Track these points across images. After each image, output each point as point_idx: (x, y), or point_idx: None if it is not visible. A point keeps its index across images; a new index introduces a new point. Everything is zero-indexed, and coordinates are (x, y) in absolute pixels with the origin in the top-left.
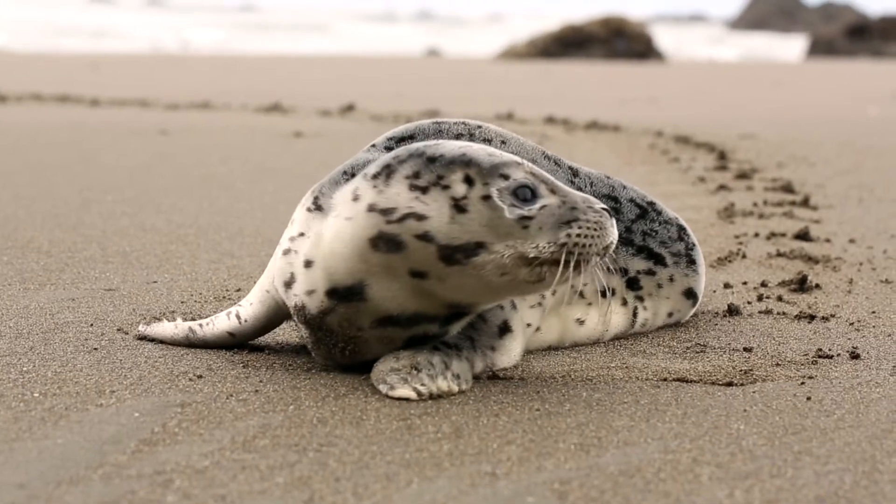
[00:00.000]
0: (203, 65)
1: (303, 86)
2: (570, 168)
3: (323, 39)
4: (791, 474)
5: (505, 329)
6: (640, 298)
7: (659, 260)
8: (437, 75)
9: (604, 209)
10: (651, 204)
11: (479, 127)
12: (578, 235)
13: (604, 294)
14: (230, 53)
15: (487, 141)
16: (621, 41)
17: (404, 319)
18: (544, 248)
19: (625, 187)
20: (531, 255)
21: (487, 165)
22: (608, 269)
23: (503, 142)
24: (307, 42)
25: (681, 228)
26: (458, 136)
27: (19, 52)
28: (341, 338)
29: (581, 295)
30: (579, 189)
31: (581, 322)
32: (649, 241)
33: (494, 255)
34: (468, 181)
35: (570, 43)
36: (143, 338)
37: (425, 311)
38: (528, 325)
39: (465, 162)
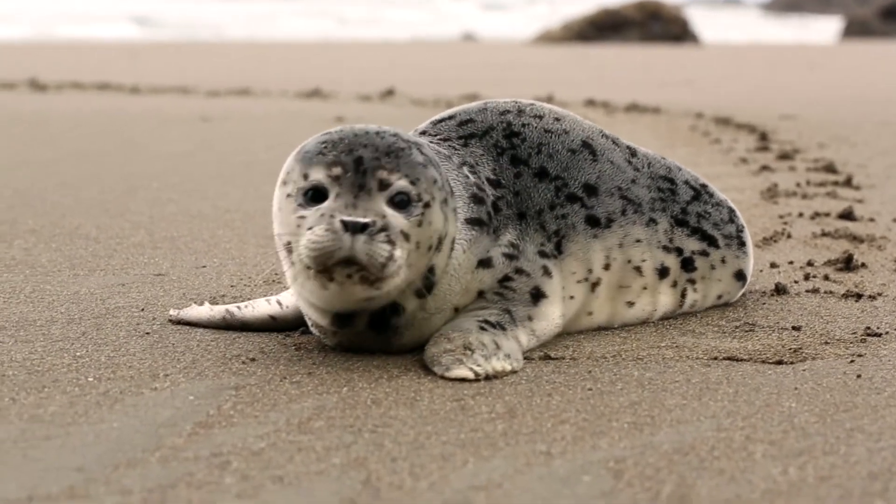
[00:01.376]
0: (240, 51)
1: (342, 71)
2: (629, 147)
3: (358, 24)
4: (844, 451)
5: (538, 295)
6: (692, 281)
7: (712, 242)
8: (474, 60)
9: (345, 221)
10: (704, 186)
11: (532, 104)
12: (306, 243)
13: (663, 274)
14: (267, 39)
15: (538, 117)
16: (657, 24)
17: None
18: (301, 251)
19: (679, 169)
20: (296, 258)
21: (295, 163)
22: (665, 247)
23: (557, 118)
24: (343, 27)
25: (731, 210)
26: (504, 113)
27: (55, 41)
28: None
29: (639, 272)
30: (636, 169)
31: (631, 304)
32: (703, 223)
33: (293, 254)
34: (286, 179)
35: (605, 26)
36: (178, 322)
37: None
38: (572, 297)
39: (295, 159)
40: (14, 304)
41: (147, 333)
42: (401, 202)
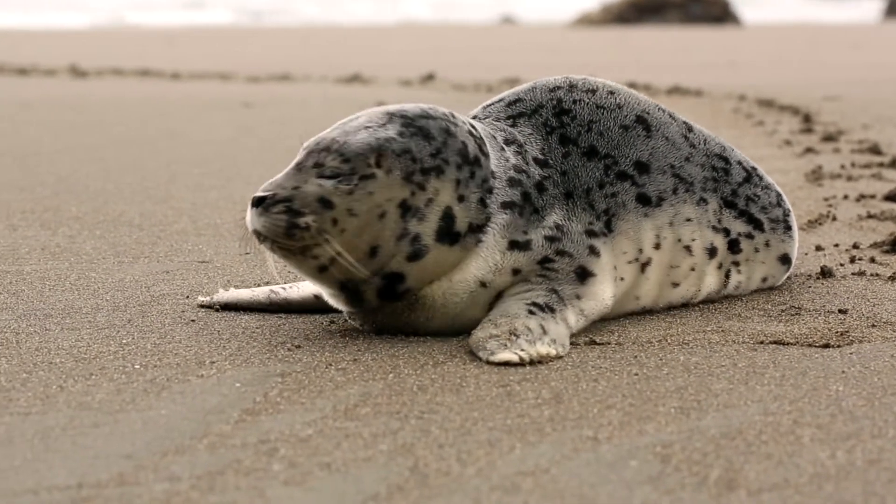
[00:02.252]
0: (279, 36)
1: (381, 55)
2: (685, 123)
3: (395, 7)
4: (892, 434)
5: (584, 274)
6: (736, 263)
7: (758, 225)
8: (513, 43)
9: (254, 197)
10: (754, 168)
11: (584, 79)
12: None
13: (711, 254)
14: (306, 24)
15: (591, 92)
16: (697, 5)
17: None
18: None
19: (733, 149)
20: None
21: None
22: (714, 227)
23: (611, 92)
24: (379, 10)
25: (778, 194)
26: (554, 90)
27: (94, 27)
28: None
29: (689, 251)
30: (692, 146)
31: (676, 284)
32: (751, 207)
33: None
34: None
35: (644, 8)
36: (220, 306)
37: None
38: (622, 278)
39: None
40: (60, 291)
41: (192, 321)
42: (332, 175)
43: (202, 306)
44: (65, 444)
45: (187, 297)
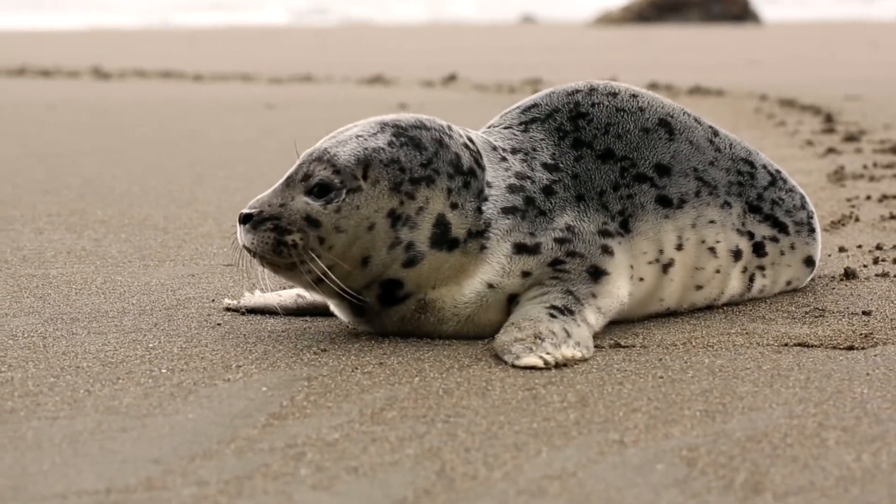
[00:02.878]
0: (301, 37)
1: (403, 56)
2: (711, 127)
3: (416, 7)
4: None
5: (597, 273)
6: (762, 267)
7: (783, 228)
8: (534, 42)
9: (241, 214)
10: (778, 172)
11: (607, 83)
12: None
13: (737, 256)
14: (327, 25)
15: (612, 95)
16: (717, 4)
17: None
18: None
19: (758, 153)
20: None
21: None
22: (738, 230)
23: (633, 95)
24: (399, 10)
25: (802, 196)
26: (573, 94)
27: (117, 29)
28: None
29: (713, 253)
30: (717, 150)
31: (700, 287)
32: (776, 210)
33: None
34: None
35: (664, 7)
36: (247, 310)
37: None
38: (642, 279)
39: None
40: (86, 295)
41: (218, 324)
42: (320, 191)
43: (228, 309)
44: (93, 449)
45: (213, 300)
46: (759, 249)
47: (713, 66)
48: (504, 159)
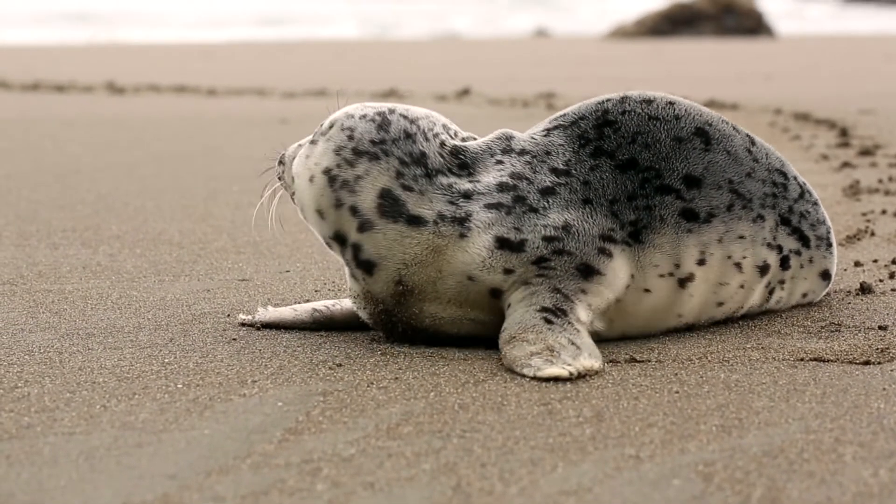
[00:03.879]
0: (314, 51)
1: (416, 70)
2: (748, 136)
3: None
4: None
5: (588, 272)
6: (782, 281)
7: (806, 242)
8: (547, 56)
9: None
10: (804, 184)
11: (642, 92)
12: None
13: (763, 271)
14: (340, 39)
15: (647, 102)
16: (731, 17)
17: None
18: None
19: (789, 163)
20: None
21: None
22: (769, 244)
23: (670, 103)
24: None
25: (823, 211)
26: (604, 101)
27: (131, 43)
28: None
29: (739, 268)
30: (755, 160)
31: (721, 303)
32: (802, 223)
33: None
34: None
35: (678, 20)
36: (262, 325)
37: None
38: (647, 290)
39: None
40: (102, 310)
41: (234, 339)
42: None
43: (243, 325)
44: (109, 465)
45: (228, 315)
46: (784, 263)
47: (727, 80)
48: (500, 162)
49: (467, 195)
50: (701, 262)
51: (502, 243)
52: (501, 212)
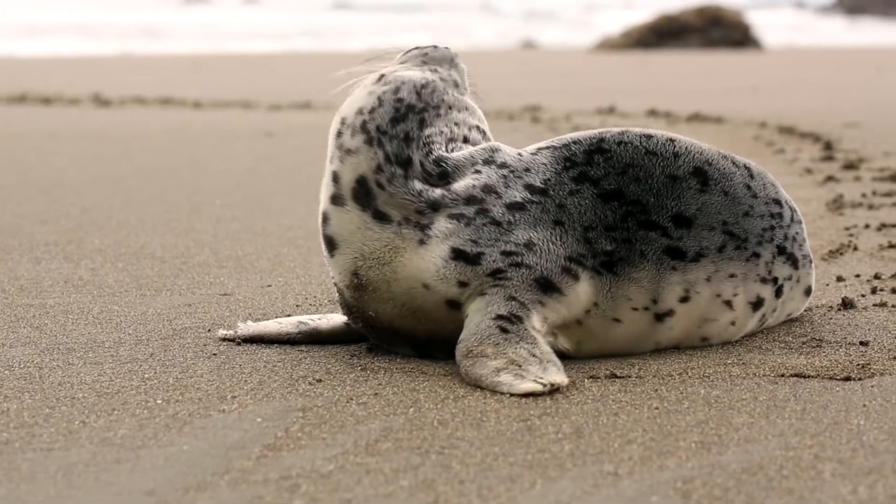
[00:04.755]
0: (300, 63)
1: None
2: (746, 167)
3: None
4: None
5: (547, 287)
6: (774, 309)
7: (795, 264)
8: (534, 68)
9: None
10: (790, 203)
11: (646, 129)
12: None
13: (756, 306)
14: (326, 51)
15: (646, 137)
16: (718, 30)
17: None
18: None
19: (780, 187)
20: None
21: None
22: (763, 279)
23: (671, 140)
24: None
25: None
26: (603, 131)
27: (118, 55)
28: None
29: (729, 306)
30: (754, 195)
31: (706, 338)
32: (794, 247)
33: None
34: None
35: (665, 33)
36: (243, 340)
37: None
38: (617, 319)
39: None
40: (83, 325)
41: (214, 354)
42: None
43: (224, 339)
44: (87, 481)
45: (209, 330)
46: (779, 292)
47: (713, 93)
48: (478, 171)
49: (435, 204)
50: (685, 300)
51: (458, 254)
52: (461, 223)
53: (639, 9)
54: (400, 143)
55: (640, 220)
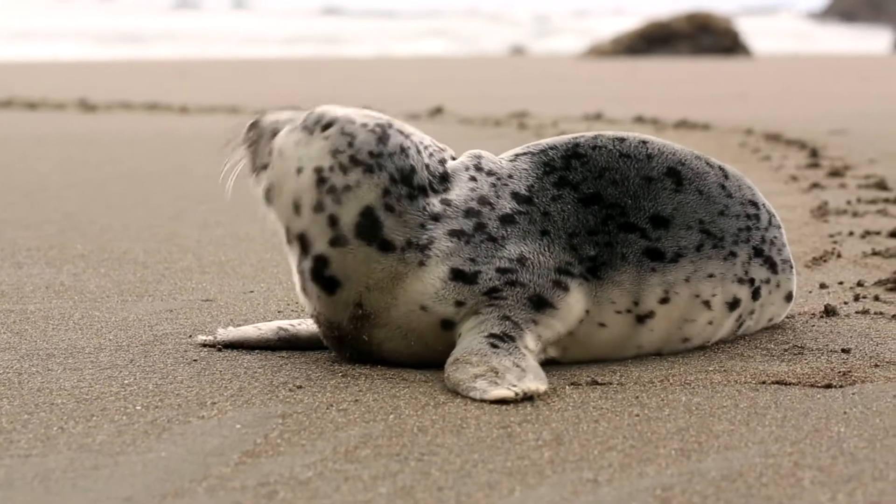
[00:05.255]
0: (288, 68)
1: (389, 88)
2: (721, 169)
3: (406, 40)
4: (893, 477)
5: (541, 304)
6: (752, 311)
7: (774, 268)
8: (522, 75)
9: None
10: (764, 204)
11: (618, 132)
12: None
13: (733, 306)
14: (314, 56)
15: (619, 140)
16: (707, 36)
17: None
18: None
19: (757, 190)
20: None
21: None
22: (740, 279)
23: (643, 142)
24: (390, 43)
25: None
26: (579, 136)
27: (105, 60)
28: None
29: (707, 306)
30: (729, 195)
31: (686, 339)
32: (772, 251)
33: None
34: None
35: (655, 40)
36: (223, 345)
37: None
38: (602, 324)
39: None
40: (63, 330)
41: (195, 360)
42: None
43: (204, 345)
44: (65, 487)
45: (190, 336)
46: (756, 294)
47: (701, 100)
48: (473, 178)
49: (436, 217)
50: (664, 301)
51: (457, 275)
52: (461, 241)
53: (629, 15)
54: (399, 157)
55: (620, 222)
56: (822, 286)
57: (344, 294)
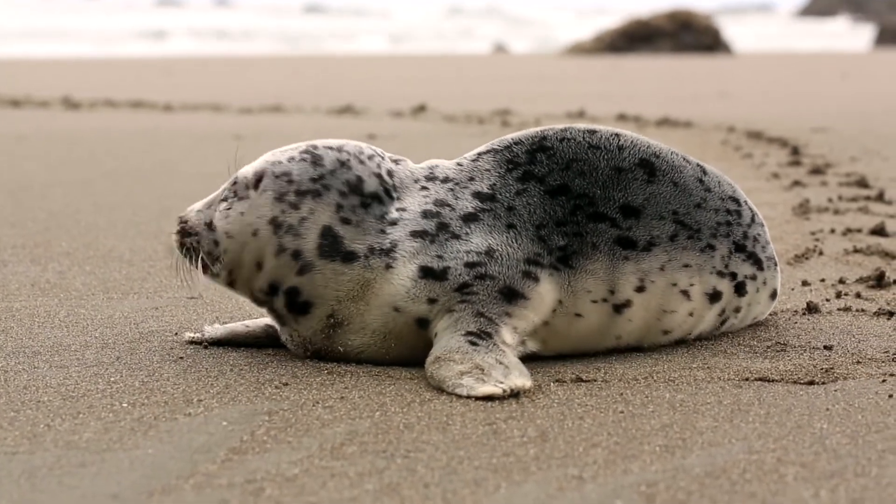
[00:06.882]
0: (272, 66)
1: (372, 86)
2: (699, 166)
3: (387, 38)
4: (876, 473)
5: (512, 295)
6: (738, 308)
7: (759, 265)
8: (505, 73)
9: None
10: (747, 202)
11: (591, 125)
12: None
13: (714, 298)
14: (298, 54)
15: (590, 132)
16: (688, 34)
17: None
18: None
19: (739, 189)
20: None
21: None
22: (719, 272)
23: (616, 135)
24: (372, 41)
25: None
26: (546, 129)
27: (90, 58)
28: None
29: (686, 295)
30: (707, 189)
31: (667, 332)
32: (756, 247)
33: None
34: None
35: (636, 37)
36: (209, 343)
37: None
38: (579, 315)
39: None
40: (49, 328)
41: (181, 358)
42: (223, 202)
43: (190, 342)
44: (51, 485)
45: (176, 333)
46: (740, 289)
47: (683, 97)
48: (425, 188)
49: (395, 222)
50: (640, 290)
51: (426, 272)
52: (426, 240)
53: (611, 13)
54: (342, 171)
55: (589, 212)
56: (805, 283)
57: (317, 311)
